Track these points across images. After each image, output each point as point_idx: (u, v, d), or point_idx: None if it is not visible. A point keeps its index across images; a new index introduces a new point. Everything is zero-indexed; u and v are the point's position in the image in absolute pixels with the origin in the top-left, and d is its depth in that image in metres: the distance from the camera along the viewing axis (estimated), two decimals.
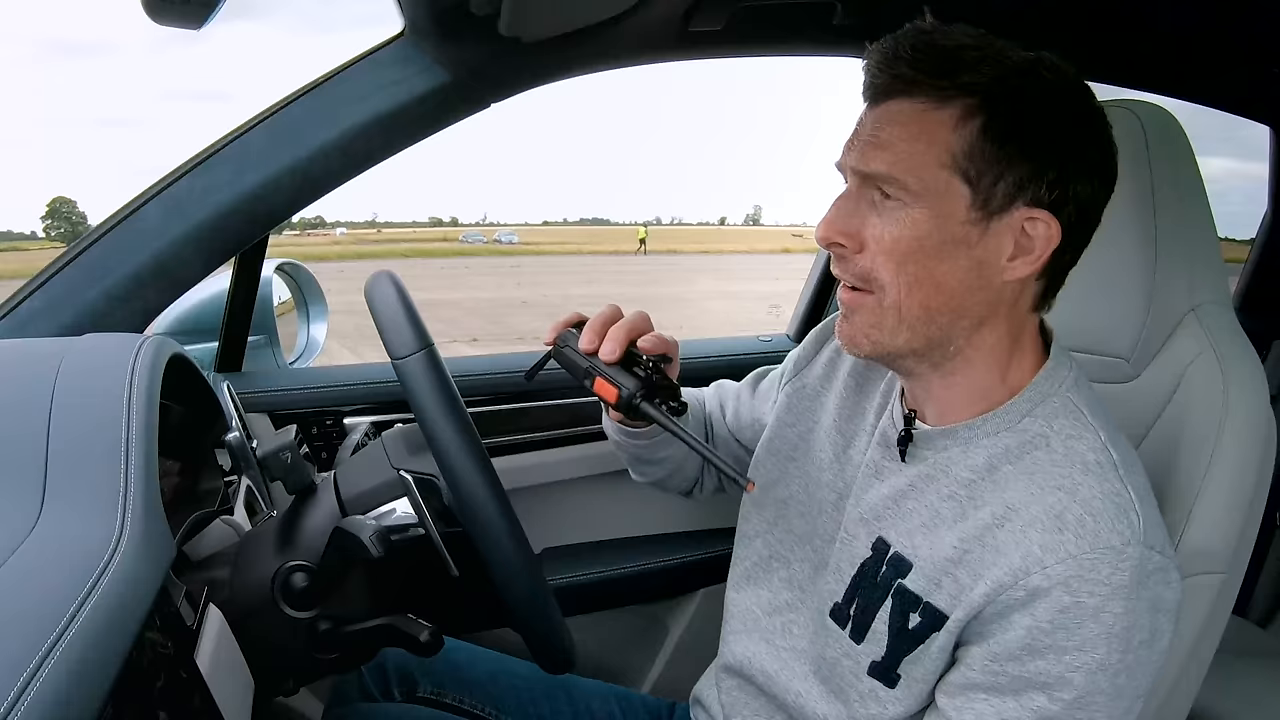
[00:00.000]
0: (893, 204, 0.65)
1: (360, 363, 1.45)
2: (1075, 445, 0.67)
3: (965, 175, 0.64)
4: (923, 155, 0.64)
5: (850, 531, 0.77)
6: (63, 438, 0.60)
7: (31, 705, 0.40)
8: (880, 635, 0.72)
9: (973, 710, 0.67)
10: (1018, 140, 0.64)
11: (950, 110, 0.64)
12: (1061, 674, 0.63)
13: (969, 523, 0.68)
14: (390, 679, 1.00)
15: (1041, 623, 0.63)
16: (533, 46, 1.08)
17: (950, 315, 0.67)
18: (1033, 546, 0.64)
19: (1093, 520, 0.63)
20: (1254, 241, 1.83)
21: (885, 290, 0.67)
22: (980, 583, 0.66)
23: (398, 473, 0.81)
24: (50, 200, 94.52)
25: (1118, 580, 0.62)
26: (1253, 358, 0.82)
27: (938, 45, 0.65)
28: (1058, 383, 0.71)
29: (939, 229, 0.65)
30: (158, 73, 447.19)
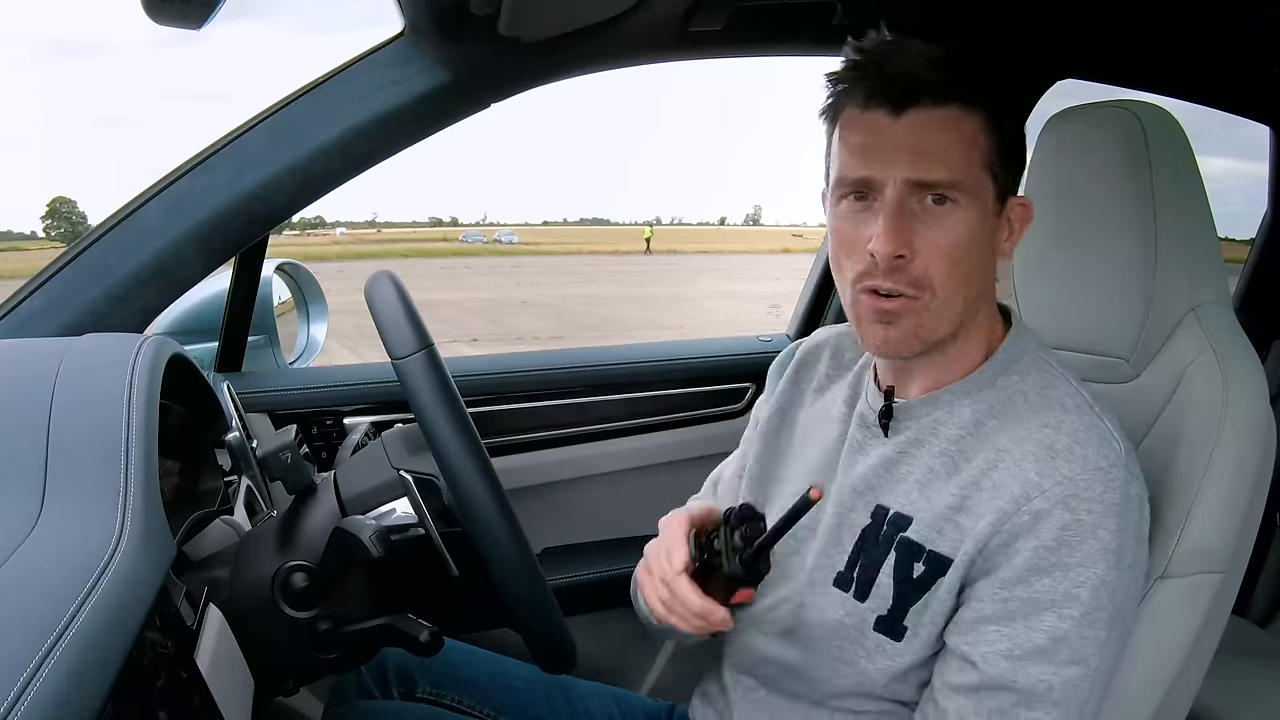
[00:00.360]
0: (946, 208, 0.69)
1: (360, 363, 1.45)
2: (1050, 392, 0.74)
3: (993, 173, 0.71)
4: (972, 159, 0.70)
5: (845, 505, 0.79)
6: (63, 438, 0.60)
7: (31, 705, 0.40)
8: (885, 588, 0.74)
9: (985, 641, 0.69)
10: (1014, 138, 0.73)
11: (978, 114, 0.70)
12: (1068, 590, 0.67)
13: (963, 474, 0.73)
14: (390, 679, 1.00)
15: (1046, 542, 0.67)
16: (533, 46, 1.08)
17: (977, 300, 0.74)
18: (1029, 474, 0.69)
19: (1080, 447, 0.69)
20: (1254, 241, 1.83)
21: (936, 291, 0.70)
22: (983, 518, 0.69)
23: (398, 473, 0.81)
24: (50, 200, 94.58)
25: (1109, 498, 0.67)
26: (1253, 358, 0.82)
27: (946, 55, 0.70)
28: (1024, 345, 0.77)
29: (983, 225, 0.71)
30: (157, 73, 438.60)
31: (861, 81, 0.70)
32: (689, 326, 11.89)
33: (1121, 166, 0.84)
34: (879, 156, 0.69)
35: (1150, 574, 0.77)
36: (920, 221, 0.69)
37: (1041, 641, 0.67)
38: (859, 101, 0.71)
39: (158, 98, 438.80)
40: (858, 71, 0.71)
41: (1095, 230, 0.87)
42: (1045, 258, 0.93)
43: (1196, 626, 0.77)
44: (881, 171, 0.69)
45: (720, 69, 29.72)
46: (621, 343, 1.85)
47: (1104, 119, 0.86)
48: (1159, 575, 0.77)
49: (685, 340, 1.68)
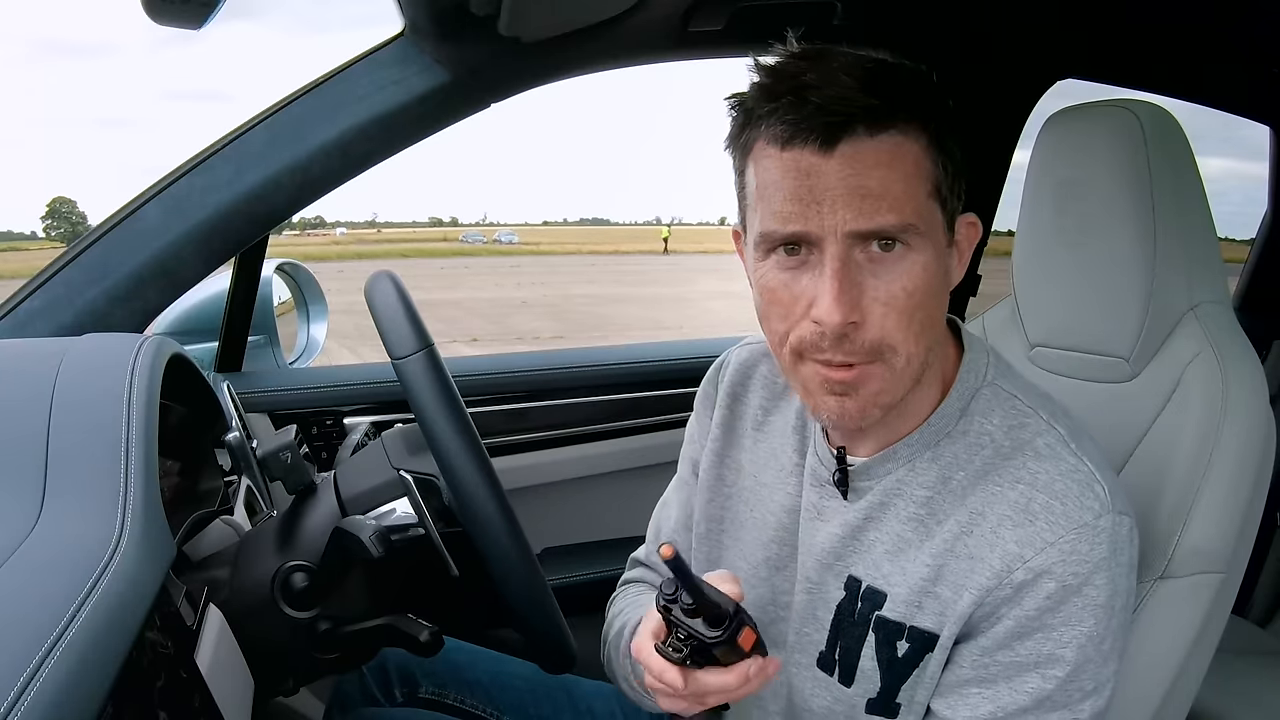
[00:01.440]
0: (897, 252, 0.59)
1: (360, 363, 1.45)
2: (1020, 435, 0.66)
3: (941, 199, 0.61)
4: (918, 191, 0.59)
5: (814, 579, 0.72)
6: (63, 438, 0.60)
7: (31, 705, 0.40)
8: (869, 672, 0.69)
9: (967, 705, 0.66)
10: (956, 154, 0.62)
11: (919, 136, 0.59)
12: (1052, 651, 0.62)
13: (936, 539, 0.66)
14: (392, 680, 1.00)
15: (1029, 610, 0.62)
16: (533, 46, 1.08)
17: (935, 344, 0.65)
18: (1008, 545, 0.63)
19: (1060, 504, 0.62)
20: (1254, 241, 1.83)
21: (896, 351, 0.60)
22: (964, 593, 0.64)
23: (398, 473, 0.81)
24: (50, 200, 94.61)
25: (1097, 555, 0.61)
26: (1252, 357, 0.82)
27: (875, 69, 0.58)
28: (980, 373, 0.68)
29: (937, 263, 0.61)
30: (155, 73, 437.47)
31: (778, 114, 0.58)
32: (689, 326, 11.89)
33: (1121, 166, 0.84)
34: (812, 206, 0.58)
35: (1150, 574, 0.77)
36: (869, 275, 0.59)
37: (1025, 702, 0.64)
38: (779, 137, 0.58)
39: (156, 98, 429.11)
40: (771, 100, 0.59)
41: (1095, 230, 0.87)
42: (1045, 257, 0.93)
43: (1196, 626, 0.77)
44: (819, 225, 0.58)
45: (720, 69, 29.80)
46: (622, 342, 1.85)
47: (1104, 119, 0.86)
48: (1159, 575, 0.77)
49: (685, 340, 1.68)
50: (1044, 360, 0.96)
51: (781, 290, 0.62)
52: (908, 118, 0.58)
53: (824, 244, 0.59)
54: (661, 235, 44.57)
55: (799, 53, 0.60)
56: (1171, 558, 0.76)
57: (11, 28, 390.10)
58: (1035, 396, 0.69)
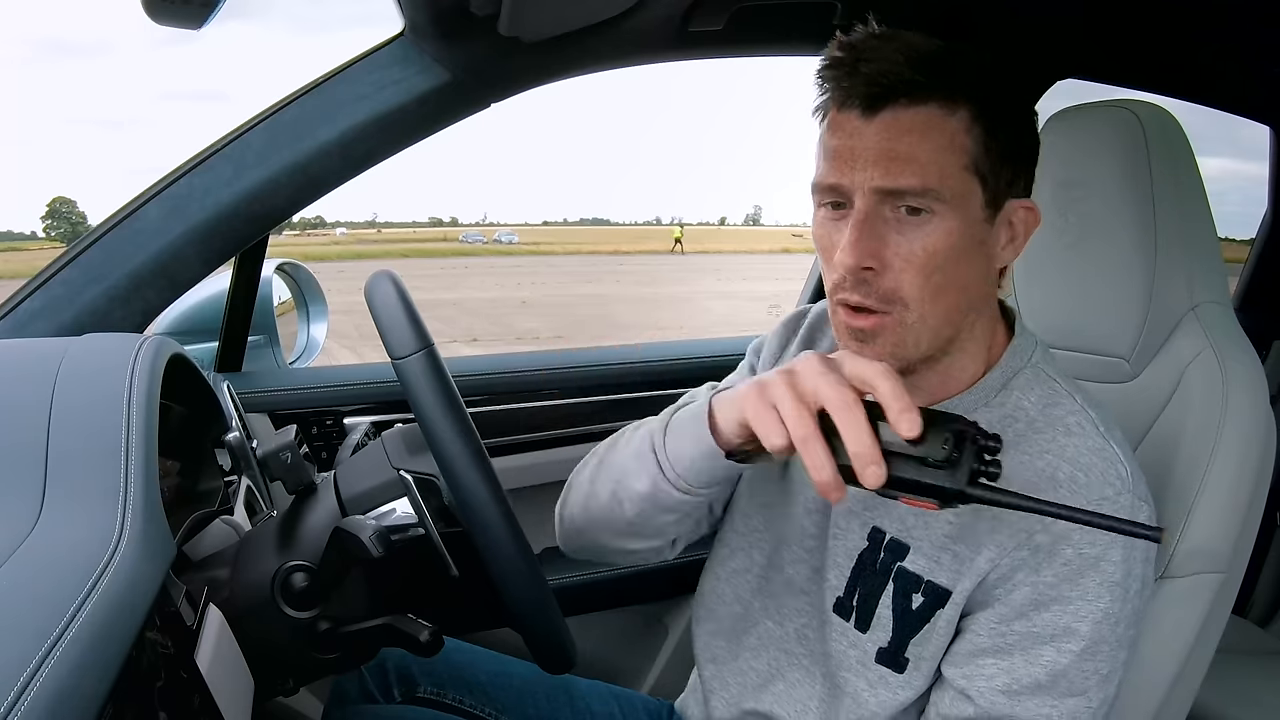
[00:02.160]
0: (921, 217, 0.64)
1: (360, 363, 1.45)
2: (1054, 411, 0.70)
3: (980, 175, 0.65)
4: (950, 162, 0.64)
5: (841, 526, 0.76)
6: (62, 438, 0.60)
7: (32, 705, 0.40)
8: (885, 620, 0.72)
9: (982, 676, 0.67)
10: (1007, 132, 0.66)
11: (961, 113, 0.64)
12: (1068, 624, 0.64)
13: None
14: (390, 679, 1.00)
15: (1046, 577, 0.65)
16: (533, 46, 1.08)
17: (965, 312, 0.69)
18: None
19: (1084, 475, 0.66)
20: (1254, 241, 1.83)
21: (909, 306, 0.65)
22: (982, 551, 0.67)
23: (398, 473, 0.81)
24: (50, 200, 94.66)
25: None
26: (1253, 357, 0.82)
27: (932, 49, 0.64)
28: (1025, 355, 0.73)
29: (966, 232, 0.65)
30: (153, 73, 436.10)
31: (837, 80, 0.66)
32: (689, 326, 11.88)
33: (1121, 166, 0.84)
34: (849, 162, 0.65)
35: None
36: (894, 231, 0.64)
37: (1040, 676, 0.65)
38: (835, 101, 0.66)
39: (154, 98, 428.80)
40: (835, 69, 0.66)
41: (1095, 230, 0.87)
42: (1045, 257, 0.93)
43: (1196, 626, 0.77)
44: (850, 178, 0.65)
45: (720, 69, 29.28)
46: (622, 342, 1.85)
47: (1104, 119, 0.86)
48: (1159, 575, 0.77)
49: (685, 340, 1.68)
50: None
51: (824, 238, 0.69)
52: (948, 95, 0.64)
53: (854, 198, 0.65)
54: (674, 235, 44.11)
55: (874, 33, 0.66)
56: (1172, 558, 0.76)
57: (11, 28, 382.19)
58: (1073, 384, 0.73)
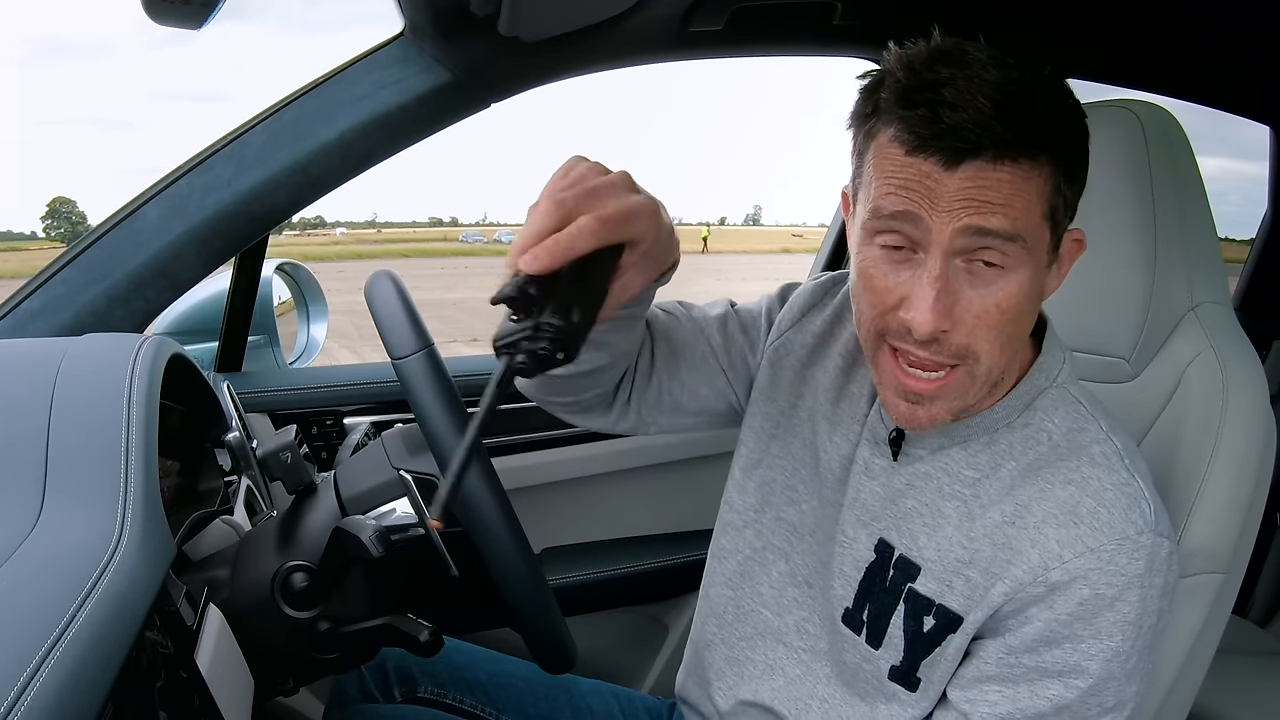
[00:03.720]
0: (997, 269, 0.60)
1: (360, 363, 1.45)
2: (1079, 438, 0.67)
3: (1053, 222, 0.62)
4: (1035, 209, 0.60)
5: (849, 534, 0.74)
6: (63, 438, 0.60)
7: (31, 705, 0.40)
8: (896, 640, 0.71)
9: (986, 702, 0.67)
10: (1079, 180, 0.64)
11: (1045, 167, 0.60)
12: (1078, 662, 0.63)
13: (978, 523, 0.67)
14: (390, 679, 1.00)
15: (1060, 615, 0.63)
16: (533, 46, 1.08)
17: (1014, 349, 0.66)
18: (1050, 543, 0.64)
19: (1106, 512, 0.63)
20: (1254, 241, 1.83)
21: (980, 359, 0.63)
22: (998, 583, 0.65)
23: (398, 473, 0.81)
24: (50, 200, 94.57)
25: (1134, 570, 0.62)
26: (1253, 357, 0.82)
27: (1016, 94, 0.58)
28: (1052, 375, 0.70)
29: (1035, 279, 0.62)
30: (150, 74, 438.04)
31: (910, 123, 0.59)
32: None
33: (1121, 166, 0.84)
34: (927, 199, 0.59)
35: None
36: (967, 286, 0.61)
37: (1044, 708, 0.65)
38: (906, 143, 0.59)
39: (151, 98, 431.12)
40: (907, 109, 0.59)
41: (1095, 230, 0.87)
42: None
43: (1196, 626, 0.77)
44: (929, 212, 0.59)
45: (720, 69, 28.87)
46: None
47: (1104, 119, 0.86)
48: None
49: None
50: None
51: (879, 277, 0.63)
52: (1036, 153, 0.59)
53: (930, 246, 0.60)
54: (701, 235, 43.35)
55: (941, 54, 0.60)
56: None
57: (8, 28, 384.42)
58: (1099, 407, 0.70)
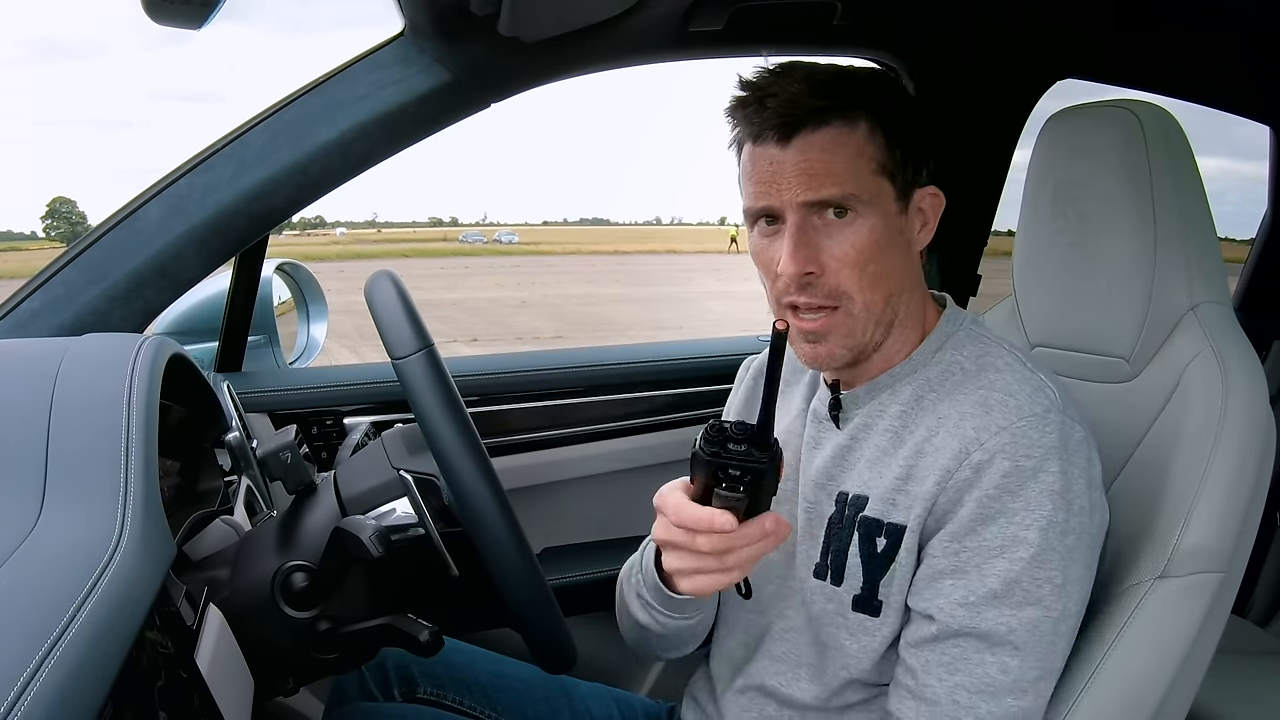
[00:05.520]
0: (846, 219, 0.73)
1: (360, 363, 1.45)
2: (986, 359, 0.77)
3: (889, 175, 0.74)
4: (861, 167, 0.73)
5: (810, 499, 0.82)
6: (63, 438, 0.60)
7: (31, 705, 0.40)
8: (855, 569, 0.77)
9: (941, 595, 0.71)
10: (909, 132, 0.75)
11: (861, 127, 0.73)
12: (1015, 533, 0.69)
13: (907, 445, 0.75)
14: (390, 679, 1.00)
15: (988, 490, 0.69)
16: (533, 46, 1.08)
17: (899, 294, 0.77)
18: (967, 431, 0.72)
19: (1013, 399, 0.72)
20: (1254, 241, 1.83)
21: (853, 298, 0.74)
22: (929, 478, 0.72)
23: (398, 473, 0.81)
24: (50, 200, 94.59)
25: (1048, 442, 0.69)
26: (1252, 357, 0.82)
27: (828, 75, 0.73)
28: (959, 322, 0.81)
29: (886, 226, 0.74)
30: (146, 74, 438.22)
31: (748, 117, 0.74)
32: (689, 326, 11.88)
33: (1121, 166, 0.84)
34: (775, 185, 0.73)
35: (1150, 573, 0.77)
36: (825, 236, 0.73)
37: (994, 585, 0.69)
38: (750, 135, 0.75)
39: (148, 99, 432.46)
40: (744, 108, 0.74)
41: (1094, 230, 0.87)
42: (1045, 257, 0.94)
43: (1196, 626, 0.77)
44: (779, 199, 0.73)
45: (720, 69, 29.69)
46: (621, 342, 1.85)
47: (1103, 119, 0.86)
48: (1158, 575, 0.77)
49: (684, 340, 1.68)
50: (1044, 360, 0.96)
51: (761, 254, 0.77)
52: (849, 113, 0.72)
53: (785, 214, 0.74)
54: (730, 235, 43.03)
55: (771, 68, 0.75)
56: (1171, 557, 0.76)
57: (8, 29, 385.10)
58: (1006, 341, 0.80)
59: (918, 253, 0.79)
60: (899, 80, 0.78)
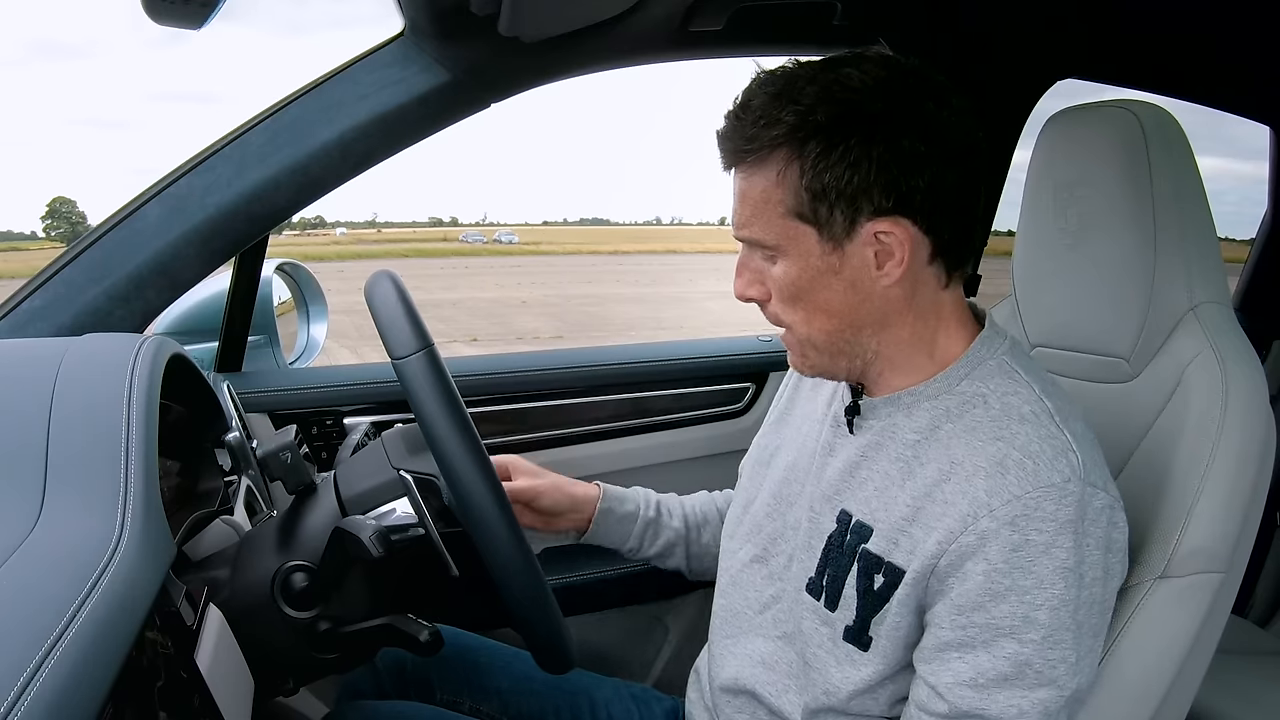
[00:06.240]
0: (775, 255, 0.72)
1: (360, 363, 1.45)
2: (1010, 400, 0.71)
3: (804, 217, 0.69)
4: (768, 214, 0.70)
5: (816, 509, 0.80)
6: (63, 438, 0.60)
7: (31, 705, 0.40)
8: (850, 600, 0.75)
9: (949, 670, 0.69)
10: (828, 173, 0.67)
11: (765, 169, 0.69)
12: (1026, 614, 0.65)
13: (917, 481, 0.72)
14: (407, 680, 1.00)
15: (996, 564, 0.66)
16: (533, 46, 1.08)
17: (849, 330, 0.73)
18: (978, 493, 0.67)
19: (1032, 463, 0.66)
20: (1254, 241, 1.83)
21: (793, 328, 0.75)
22: (932, 534, 0.69)
23: (398, 473, 0.81)
24: (50, 200, 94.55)
25: (1063, 515, 0.65)
26: (1252, 357, 0.82)
27: (745, 111, 0.69)
28: (993, 349, 0.75)
29: (804, 269, 0.71)
30: (143, 75, 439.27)
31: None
32: (689, 326, 11.88)
33: (1120, 166, 0.84)
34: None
35: (1150, 573, 0.77)
36: (767, 268, 0.74)
37: (1005, 669, 0.66)
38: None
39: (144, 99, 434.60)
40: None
41: (1094, 230, 0.87)
42: (1045, 257, 0.93)
43: (1196, 626, 0.77)
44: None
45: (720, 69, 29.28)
46: (622, 342, 1.85)
47: (1103, 119, 0.86)
48: (1159, 575, 0.77)
49: (685, 340, 1.68)
50: (1044, 360, 0.96)
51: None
52: (760, 154, 0.69)
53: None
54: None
55: (753, 81, 0.71)
56: (1171, 557, 0.76)
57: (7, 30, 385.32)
58: (1036, 375, 0.74)
59: (885, 288, 0.71)
60: (837, 95, 0.67)
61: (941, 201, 0.69)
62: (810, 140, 0.67)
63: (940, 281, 0.73)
